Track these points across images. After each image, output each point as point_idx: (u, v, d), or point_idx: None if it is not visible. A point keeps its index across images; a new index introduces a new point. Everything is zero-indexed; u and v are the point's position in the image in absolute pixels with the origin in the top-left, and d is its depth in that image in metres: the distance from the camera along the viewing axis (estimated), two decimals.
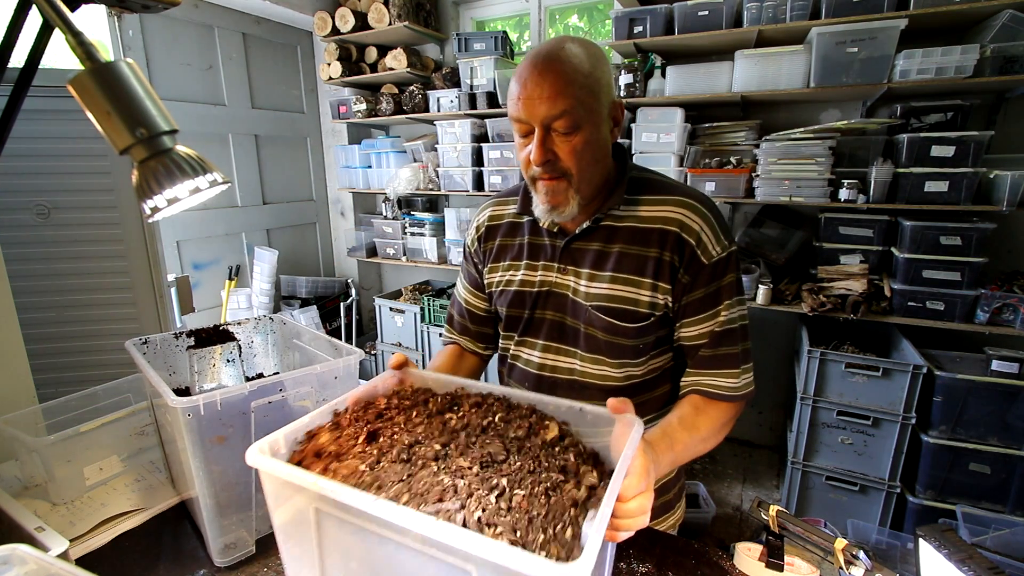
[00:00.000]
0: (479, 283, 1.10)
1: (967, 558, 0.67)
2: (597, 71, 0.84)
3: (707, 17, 2.28)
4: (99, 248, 1.72)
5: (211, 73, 3.03)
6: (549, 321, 1.00)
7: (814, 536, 0.79)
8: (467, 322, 1.14)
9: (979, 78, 1.93)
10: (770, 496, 2.51)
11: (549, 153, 0.85)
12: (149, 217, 0.62)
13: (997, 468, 1.91)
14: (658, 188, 0.95)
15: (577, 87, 0.81)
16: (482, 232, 1.09)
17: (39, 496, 0.97)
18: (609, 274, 0.92)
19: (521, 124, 0.86)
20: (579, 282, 0.95)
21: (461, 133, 2.99)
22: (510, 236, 1.05)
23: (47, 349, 1.67)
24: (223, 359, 1.04)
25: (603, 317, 0.92)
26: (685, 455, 0.84)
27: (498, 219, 1.07)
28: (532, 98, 0.82)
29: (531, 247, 1.01)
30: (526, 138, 0.87)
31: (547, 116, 0.82)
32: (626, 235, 0.93)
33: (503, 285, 1.04)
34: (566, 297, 0.97)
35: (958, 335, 2.23)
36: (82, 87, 0.58)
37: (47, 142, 1.62)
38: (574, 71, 0.81)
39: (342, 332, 3.54)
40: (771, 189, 2.30)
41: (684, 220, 0.90)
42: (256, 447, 0.56)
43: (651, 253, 0.90)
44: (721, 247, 0.90)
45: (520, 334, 1.04)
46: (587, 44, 0.85)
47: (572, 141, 0.84)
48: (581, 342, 0.97)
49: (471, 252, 1.11)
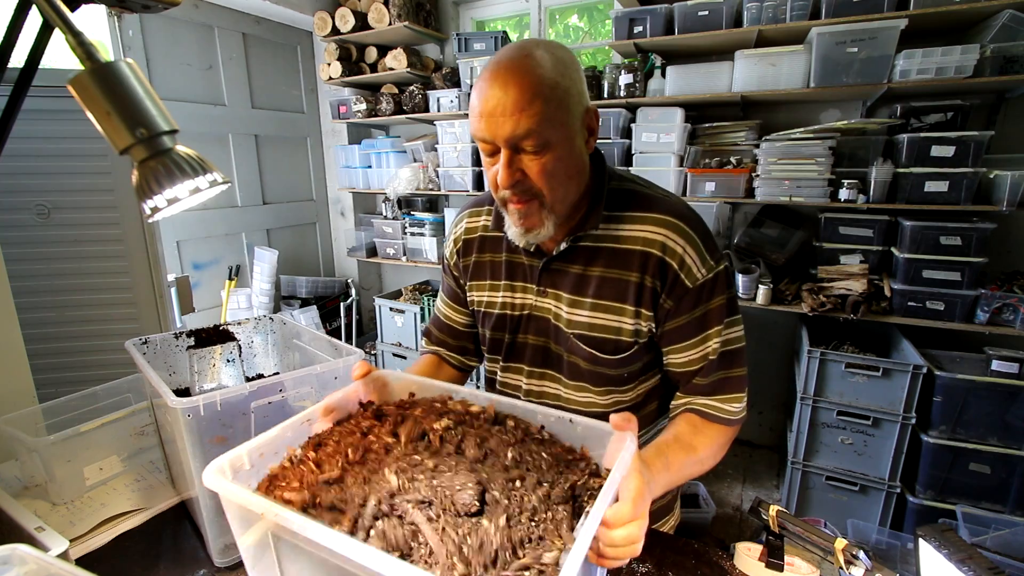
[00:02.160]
0: (460, 297, 1.05)
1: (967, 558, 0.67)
2: (566, 79, 0.75)
3: (707, 17, 2.28)
4: (99, 248, 1.72)
5: (211, 73, 3.03)
6: (532, 346, 0.95)
7: (814, 536, 0.79)
8: (447, 337, 1.09)
9: (979, 78, 1.93)
10: (770, 496, 2.51)
11: (518, 174, 0.77)
12: (149, 217, 0.62)
13: (997, 468, 1.91)
14: (640, 203, 0.87)
15: (544, 101, 0.72)
16: (460, 246, 1.02)
17: (39, 496, 0.97)
18: (590, 300, 0.87)
19: (485, 143, 0.77)
20: (560, 307, 0.90)
21: (461, 133, 2.99)
22: (488, 252, 0.99)
23: (47, 349, 1.67)
24: (223, 359, 1.04)
25: (584, 348, 0.88)
26: (680, 476, 0.78)
27: (473, 232, 1.01)
28: (494, 115, 0.73)
29: (509, 266, 0.95)
30: (492, 157, 0.78)
31: (511, 135, 0.73)
32: (607, 257, 0.87)
33: (485, 306, 0.99)
34: (548, 321, 0.92)
35: (958, 335, 2.23)
36: (82, 87, 0.58)
37: (47, 142, 1.62)
38: (539, 82, 0.72)
39: (342, 332, 3.54)
40: (771, 189, 2.30)
41: (666, 242, 0.83)
42: (215, 466, 0.51)
43: (632, 278, 0.85)
44: (707, 268, 0.83)
45: (505, 359, 0.99)
46: (554, 48, 0.77)
47: (542, 160, 0.76)
48: (564, 369, 0.93)
49: (450, 265, 1.05)
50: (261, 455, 0.57)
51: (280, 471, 0.56)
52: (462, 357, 1.10)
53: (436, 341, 1.11)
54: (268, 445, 0.58)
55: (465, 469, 0.55)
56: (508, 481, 0.54)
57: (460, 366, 1.10)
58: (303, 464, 0.57)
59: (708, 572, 0.79)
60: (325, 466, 0.56)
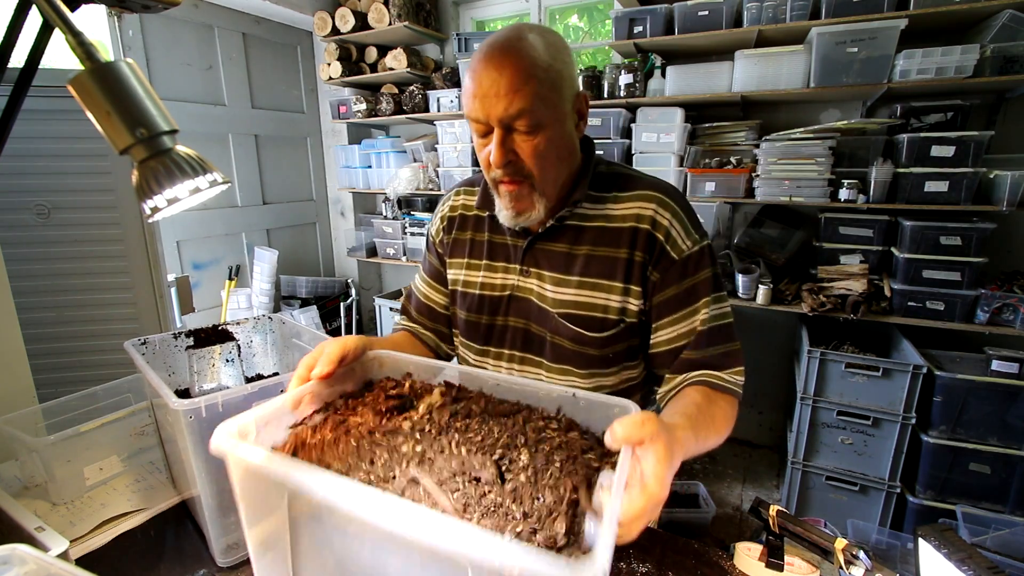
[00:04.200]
0: (442, 276, 1.03)
1: (967, 558, 0.67)
2: (558, 62, 0.77)
3: (707, 17, 2.28)
4: (99, 248, 1.72)
5: (211, 73, 3.03)
6: (513, 328, 0.94)
7: (814, 536, 0.79)
8: (424, 319, 1.06)
9: (979, 78, 1.93)
10: (770, 496, 2.51)
11: (510, 154, 0.78)
12: (149, 217, 0.62)
13: (997, 468, 1.91)
14: (625, 183, 0.89)
15: (537, 82, 0.74)
16: (444, 223, 1.02)
17: (39, 496, 0.97)
18: (576, 278, 0.88)
19: (478, 124, 0.78)
20: (544, 286, 0.90)
21: (461, 133, 2.99)
22: (470, 230, 0.99)
23: (47, 349, 1.67)
24: (222, 359, 1.04)
25: (569, 326, 0.88)
26: (702, 446, 0.69)
27: (464, 209, 1.01)
28: (488, 95, 0.74)
29: (491, 246, 0.96)
30: (485, 138, 0.80)
31: (505, 115, 0.75)
32: (593, 235, 0.88)
33: (462, 286, 0.98)
34: (530, 302, 0.92)
35: (958, 335, 2.23)
36: (82, 87, 0.58)
37: (47, 142, 1.62)
38: (533, 64, 0.74)
39: (342, 332, 3.54)
40: (771, 189, 2.30)
41: (654, 216, 0.85)
42: (223, 429, 0.49)
43: (621, 254, 0.86)
44: (692, 241, 0.85)
45: (482, 343, 0.98)
46: (546, 32, 0.79)
47: (534, 141, 0.77)
48: (547, 351, 0.92)
49: (435, 243, 1.05)
50: (268, 423, 0.56)
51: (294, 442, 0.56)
52: (438, 341, 1.06)
53: (413, 321, 1.08)
54: (275, 414, 0.57)
55: (477, 450, 0.55)
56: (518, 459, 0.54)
57: (436, 350, 1.06)
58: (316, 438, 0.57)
59: (708, 572, 0.79)
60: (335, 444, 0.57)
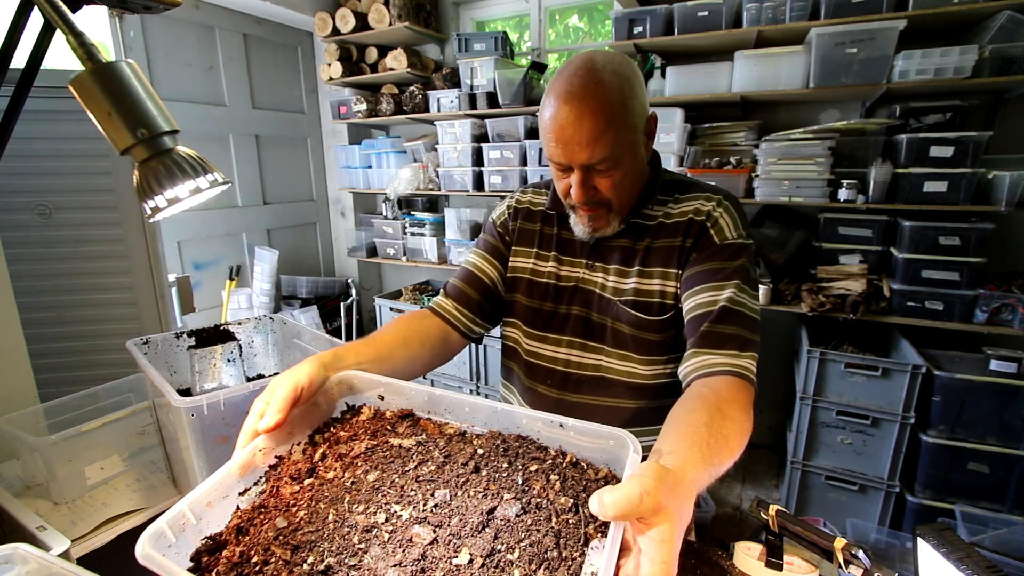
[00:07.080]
0: (500, 253, 1.07)
1: (965, 557, 0.67)
2: (633, 100, 0.81)
3: (707, 17, 2.28)
4: (100, 248, 1.72)
5: (212, 73, 3.03)
6: (575, 316, 0.99)
7: (813, 535, 0.79)
8: (471, 291, 1.03)
9: (978, 79, 1.93)
10: (770, 496, 2.52)
11: (591, 191, 0.86)
12: (150, 217, 0.62)
13: (996, 467, 1.92)
14: (688, 187, 0.97)
15: (616, 129, 0.79)
16: (512, 212, 1.08)
17: (41, 495, 0.98)
18: (637, 268, 0.93)
19: (559, 163, 0.86)
20: (607, 278, 0.96)
21: (461, 133, 2.99)
22: (541, 223, 1.05)
23: (48, 349, 1.67)
24: (224, 359, 1.04)
25: (630, 311, 0.93)
26: (716, 475, 0.59)
27: (531, 204, 1.07)
28: (570, 143, 0.80)
29: (560, 240, 1.02)
30: (564, 172, 0.87)
31: (587, 162, 0.81)
32: (654, 231, 0.94)
33: (530, 273, 1.03)
34: (593, 293, 0.97)
35: (957, 335, 2.23)
36: (83, 88, 0.58)
37: (48, 142, 1.62)
38: (611, 110, 0.78)
39: (342, 332, 3.54)
40: (771, 189, 2.30)
41: (710, 210, 0.91)
42: (147, 536, 0.45)
43: (676, 243, 0.92)
44: (737, 234, 0.90)
45: (542, 329, 1.02)
46: (619, 64, 0.81)
47: (613, 176, 0.84)
48: (608, 338, 0.96)
49: (497, 225, 1.09)
50: (208, 504, 0.51)
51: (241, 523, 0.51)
52: (475, 317, 1.02)
53: (454, 294, 1.04)
54: (215, 491, 0.52)
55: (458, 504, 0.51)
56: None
57: (465, 331, 1.02)
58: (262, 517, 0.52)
59: (708, 572, 0.79)
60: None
